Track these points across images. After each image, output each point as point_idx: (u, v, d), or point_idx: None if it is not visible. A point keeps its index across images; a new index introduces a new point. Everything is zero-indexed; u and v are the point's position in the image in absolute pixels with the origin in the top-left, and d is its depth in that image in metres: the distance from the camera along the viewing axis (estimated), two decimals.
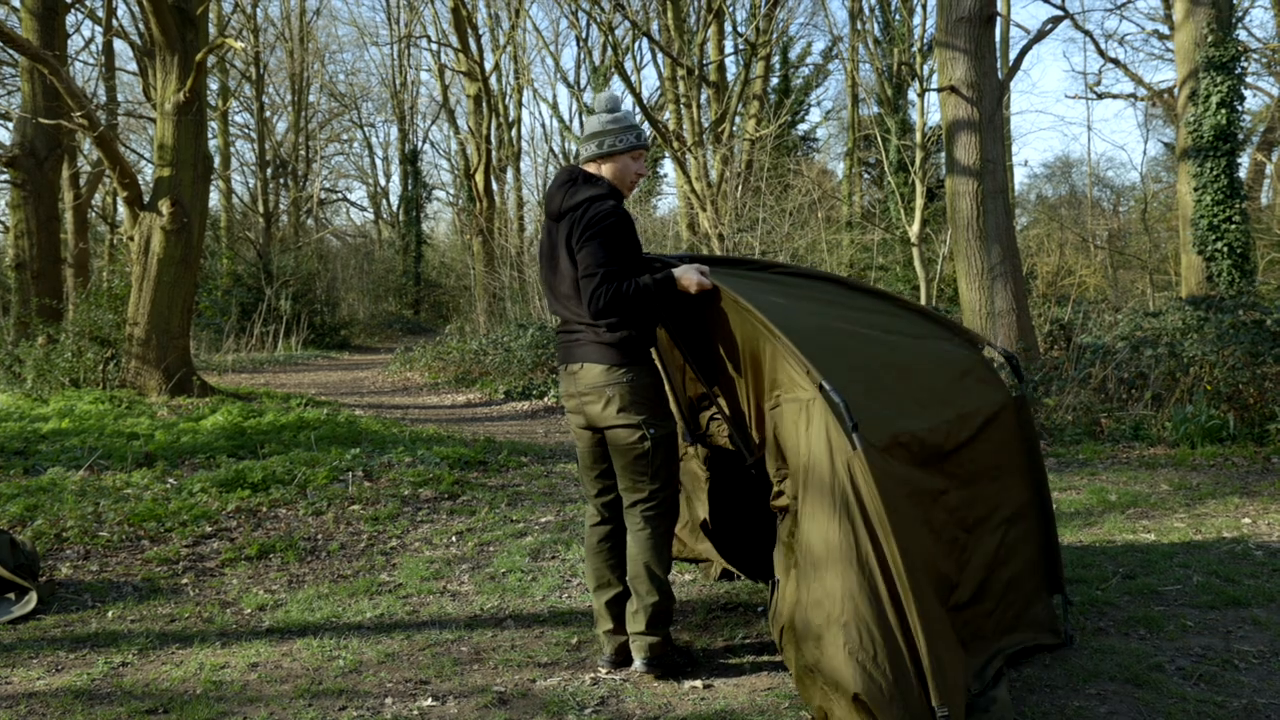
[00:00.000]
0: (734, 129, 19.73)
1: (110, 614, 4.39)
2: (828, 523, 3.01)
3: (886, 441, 3.06)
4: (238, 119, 30.28)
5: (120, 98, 23.79)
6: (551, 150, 31.17)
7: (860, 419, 2.98)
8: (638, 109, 17.36)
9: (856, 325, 3.53)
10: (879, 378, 3.28)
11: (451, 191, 37.49)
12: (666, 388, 4.01)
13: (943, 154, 16.96)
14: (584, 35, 27.16)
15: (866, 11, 24.22)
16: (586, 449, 3.71)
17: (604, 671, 3.63)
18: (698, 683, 3.52)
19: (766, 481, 3.64)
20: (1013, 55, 17.75)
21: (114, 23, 19.22)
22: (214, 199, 24.94)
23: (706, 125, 19.25)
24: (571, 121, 31.43)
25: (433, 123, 37.91)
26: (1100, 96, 22.43)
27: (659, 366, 3.62)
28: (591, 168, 3.65)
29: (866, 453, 2.94)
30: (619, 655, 3.65)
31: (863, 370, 3.26)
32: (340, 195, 37.08)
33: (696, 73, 18.93)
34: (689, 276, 3.48)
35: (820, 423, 3.05)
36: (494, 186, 27.21)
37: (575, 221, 3.48)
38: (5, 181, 14.66)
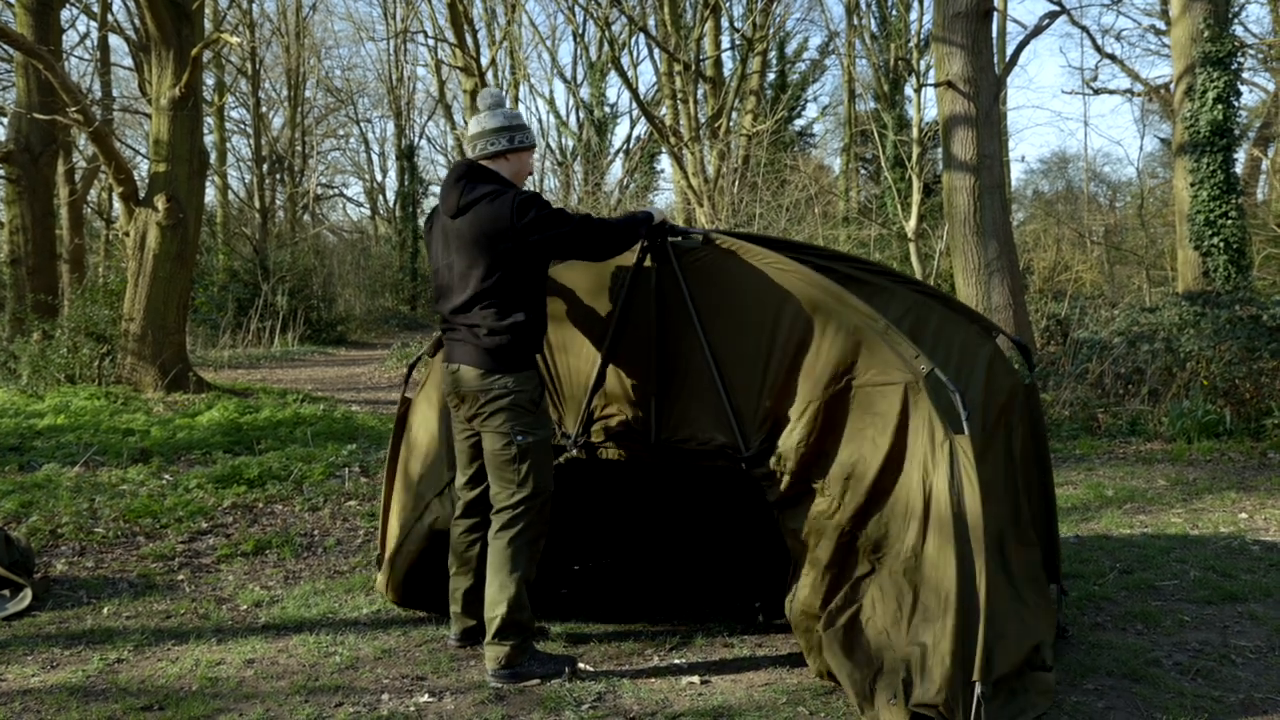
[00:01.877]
0: (731, 124, 19.70)
1: (105, 610, 4.38)
2: (910, 510, 3.05)
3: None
4: (234, 114, 30.14)
5: (116, 93, 23.67)
6: (548, 145, 31.13)
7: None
8: (635, 105, 17.32)
9: (905, 311, 3.54)
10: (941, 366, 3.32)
11: None
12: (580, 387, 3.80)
13: (939, 149, 16.91)
14: (581, 31, 27.13)
15: (863, 7, 24.16)
16: (464, 444, 3.72)
17: (453, 644, 3.85)
18: (695, 679, 3.52)
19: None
20: (1009, 50, 17.75)
21: (109, 18, 19.13)
22: (210, 194, 24.84)
23: (703, 120, 19.19)
24: (568, 117, 31.42)
25: (429, 118, 37.70)
26: (1097, 92, 22.47)
27: (542, 374, 3.60)
28: (489, 164, 3.58)
29: (972, 436, 2.98)
30: (464, 635, 3.83)
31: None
32: (337, 191, 36.93)
33: (693, 68, 18.87)
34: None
35: (920, 408, 3.06)
36: None
37: (482, 218, 3.41)
38: (0, 177, 14.57)
